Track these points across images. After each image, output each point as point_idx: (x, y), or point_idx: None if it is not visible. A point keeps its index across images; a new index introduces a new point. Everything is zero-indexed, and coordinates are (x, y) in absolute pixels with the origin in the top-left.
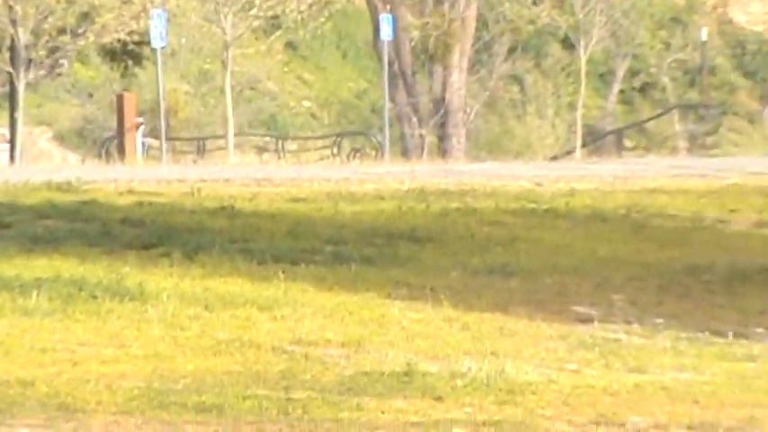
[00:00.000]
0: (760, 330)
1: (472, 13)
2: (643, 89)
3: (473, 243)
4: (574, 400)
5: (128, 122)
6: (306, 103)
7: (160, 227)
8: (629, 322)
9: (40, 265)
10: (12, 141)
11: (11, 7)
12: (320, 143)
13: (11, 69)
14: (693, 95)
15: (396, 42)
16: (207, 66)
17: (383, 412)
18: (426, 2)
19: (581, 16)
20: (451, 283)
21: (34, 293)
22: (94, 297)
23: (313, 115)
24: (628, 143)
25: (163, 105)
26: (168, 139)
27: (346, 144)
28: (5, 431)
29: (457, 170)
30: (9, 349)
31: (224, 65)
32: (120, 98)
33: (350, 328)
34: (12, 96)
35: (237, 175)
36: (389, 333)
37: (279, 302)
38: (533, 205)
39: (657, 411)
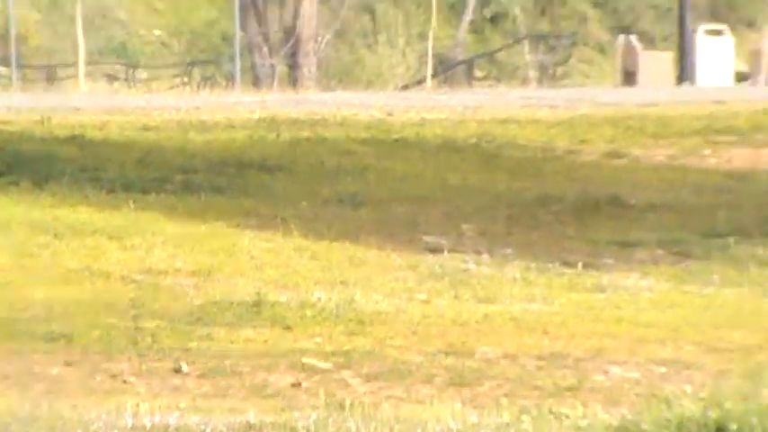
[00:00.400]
0: (609, 261)
1: None
2: (494, 19)
3: (323, 172)
4: (423, 329)
5: None
6: (156, 32)
7: (9, 155)
8: (478, 252)
9: None
10: None
11: None
12: (171, 72)
13: None
14: (544, 26)
15: None
16: None
17: (232, 342)
18: None
19: None
20: (302, 213)
21: None
22: None
23: (164, 44)
24: (478, 73)
25: (13, 33)
26: (18, 66)
27: (197, 73)
28: None
29: (308, 99)
30: None
31: None
32: None
33: (200, 258)
34: None
35: (88, 104)
36: (239, 262)
37: (128, 231)
38: (384, 135)
39: (507, 341)
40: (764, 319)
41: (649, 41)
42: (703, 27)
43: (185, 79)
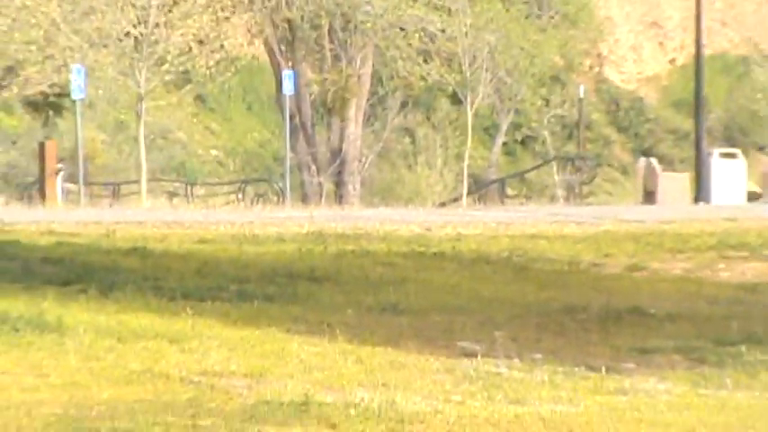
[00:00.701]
0: (630, 366)
1: (368, 70)
2: (524, 142)
3: (367, 283)
4: (458, 429)
5: (49, 168)
6: (213, 152)
7: (78, 265)
8: (510, 357)
9: None
10: None
11: None
12: (226, 189)
13: None
14: (571, 148)
15: (297, 96)
16: (122, 116)
17: None
18: (325, 59)
19: (468, 74)
20: (346, 320)
21: None
22: (16, 330)
23: (220, 163)
24: (510, 191)
25: (81, 153)
26: (86, 183)
27: (250, 190)
28: None
29: (352, 215)
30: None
31: (138, 116)
32: (41, 146)
33: (252, 361)
34: None
35: (149, 218)
36: (289, 365)
37: (187, 336)
38: (422, 248)
39: None
40: None
41: (668, 163)
42: (718, 151)
43: (240, 196)
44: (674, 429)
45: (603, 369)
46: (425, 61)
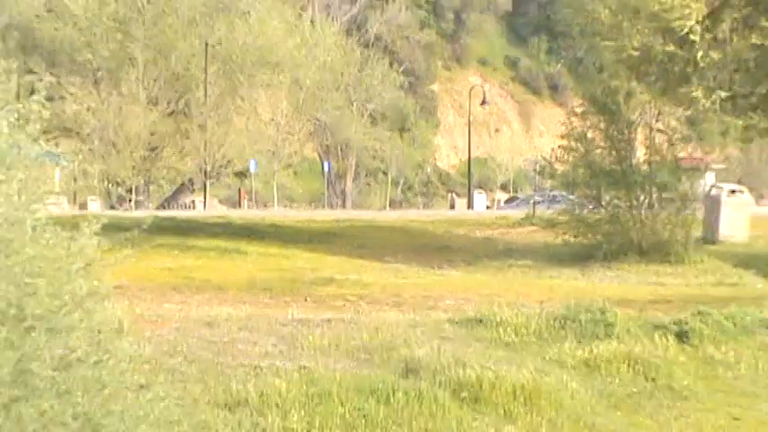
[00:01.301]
0: (445, 266)
1: (353, 162)
2: (410, 188)
3: (355, 237)
4: (385, 288)
5: (242, 197)
6: (299, 191)
7: (251, 230)
8: (404, 263)
9: (215, 242)
10: (204, 203)
11: (204, 159)
12: (305, 205)
13: (205, 180)
14: (426, 190)
15: (329, 171)
16: (268, 180)
17: (323, 291)
18: (339, 157)
19: (389, 164)
20: (346, 250)
21: (211, 252)
22: (230, 253)
23: (300, 194)
24: (405, 205)
25: (253, 191)
26: (255, 201)
27: (313, 205)
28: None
29: (350, 213)
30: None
31: (273, 178)
32: (239, 190)
33: (313, 264)
34: (204, 189)
35: (277, 214)
36: (326, 265)
37: (290, 255)
38: (374, 223)
39: (411, 292)
40: (497, 285)
41: (459, 195)
42: (475, 191)
43: (311, 206)
44: (459, 288)
45: (436, 267)
46: (374, 158)
